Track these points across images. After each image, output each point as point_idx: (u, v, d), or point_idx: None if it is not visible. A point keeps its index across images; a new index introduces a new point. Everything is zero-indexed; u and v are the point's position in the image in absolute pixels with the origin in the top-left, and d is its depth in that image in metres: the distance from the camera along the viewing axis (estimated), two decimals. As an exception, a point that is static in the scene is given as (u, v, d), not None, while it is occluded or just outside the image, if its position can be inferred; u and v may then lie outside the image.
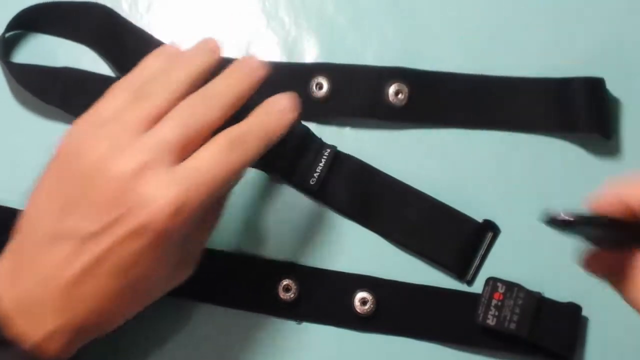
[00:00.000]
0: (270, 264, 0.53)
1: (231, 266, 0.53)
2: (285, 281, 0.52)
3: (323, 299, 0.53)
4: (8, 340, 0.40)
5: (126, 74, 0.45)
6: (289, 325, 0.52)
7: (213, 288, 0.53)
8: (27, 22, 0.56)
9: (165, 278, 0.44)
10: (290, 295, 0.52)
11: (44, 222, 0.41)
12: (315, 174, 0.53)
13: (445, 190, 0.53)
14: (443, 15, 0.56)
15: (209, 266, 0.53)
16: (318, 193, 0.53)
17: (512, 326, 0.50)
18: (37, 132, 0.55)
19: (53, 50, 0.56)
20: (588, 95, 0.53)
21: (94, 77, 0.55)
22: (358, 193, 0.53)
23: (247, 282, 0.53)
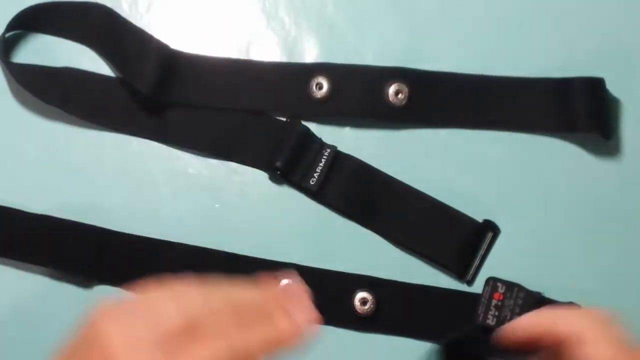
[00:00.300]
0: (270, 264, 0.53)
1: (231, 266, 0.53)
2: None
3: (323, 299, 0.52)
4: None
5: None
6: (289, 325, 0.52)
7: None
8: (27, 22, 0.56)
9: None
10: (290, 295, 0.52)
11: None
12: (315, 174, 0.53)
13: (445, 190, 0.53)
14: (443, 15, 0.56)
15: (209, 267, 0.53)
16: (318, 193, 0.53)
17: (512, 326, 0.50)
18: (37, 132, 0.55)
19: (53, 50, 0.56)
20: (588, 95, 0.53)
21: (94, 77, 0.55)
22: (358, 193, 0.54)
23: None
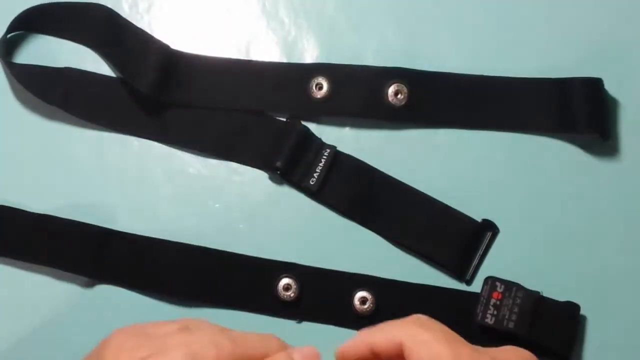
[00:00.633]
0: (270, 264, 0.53)
1: (231, 266, 0.53)
2: (285, 280, 0.53)
3: (323, 299, 0.53)
4: None
5: None
6: (289, 324, 0.53)
7: (212, 288, 0.53)
8: (29, 23, 0.56)
9: None
10: (290, 294, 0.52)
11: None
12: (315, 174, 0.53)
13: (445, 190, 0.53)
14: (443, 15, 0.56)
15: (209, 266, 0.53)
16: (318, 193, 0.53)
17: (511, 325, 0.50)
18: (38, 132, 0.55)
19: (54, 50, 0.56)
20: (586, 95, 0.53)
21: (95, 78, 0.56)
22: (357, 193, 0.54)
23: (247, 282, 0.53)
